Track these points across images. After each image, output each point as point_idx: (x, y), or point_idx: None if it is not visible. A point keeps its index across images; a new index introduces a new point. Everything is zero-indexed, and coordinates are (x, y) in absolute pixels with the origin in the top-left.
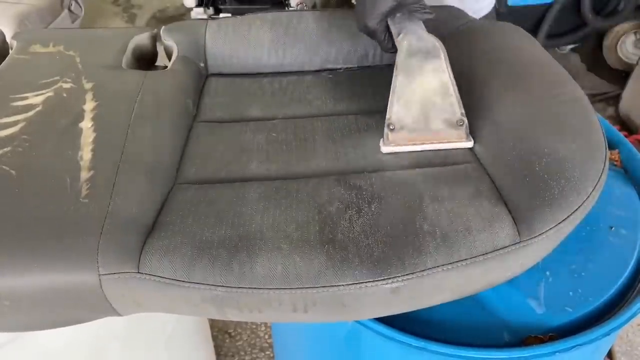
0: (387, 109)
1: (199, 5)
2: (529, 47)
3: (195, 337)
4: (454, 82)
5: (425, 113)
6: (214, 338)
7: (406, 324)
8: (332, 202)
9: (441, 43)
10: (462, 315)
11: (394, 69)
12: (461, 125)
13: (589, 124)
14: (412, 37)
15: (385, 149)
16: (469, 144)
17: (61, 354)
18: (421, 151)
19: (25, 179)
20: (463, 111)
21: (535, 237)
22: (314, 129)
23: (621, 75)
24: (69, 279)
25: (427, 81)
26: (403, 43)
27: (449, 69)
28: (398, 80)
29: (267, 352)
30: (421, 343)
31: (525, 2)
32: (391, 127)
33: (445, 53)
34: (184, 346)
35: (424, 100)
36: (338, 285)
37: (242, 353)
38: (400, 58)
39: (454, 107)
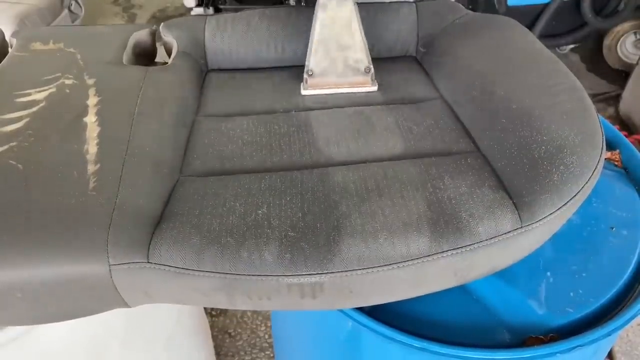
0: (307, 56)
1: (199, 5)
2: (525, 40)
3: (195, 337)
4: (362, 30)
5: (340, 60)
6: (214, 338)
7: (407, 324)
8: (337, 192)
9: None
10: (463, 316)
11: (314, 17)
12: (368, 72)
13: (585, 111)
14: None
15: (304, 92)
16: (373, 88)
17: (61, 354)
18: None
19: (33, 172)
20: (370, 59)
21: (536, 222)
22: (315, 121)
23: (621, 75)
24: (80, 270)
25: (338, 26)
26: None
27: (357, 14)
28: (315, 26)
29: (267, 352)
30: (422, 343)
31: (526, 2)
32: (310, 73)
33: None
34: (184, 346)
35: (336, 47)
36: (345, 271)
37: (242, 353)
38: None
39: (362, 55)
